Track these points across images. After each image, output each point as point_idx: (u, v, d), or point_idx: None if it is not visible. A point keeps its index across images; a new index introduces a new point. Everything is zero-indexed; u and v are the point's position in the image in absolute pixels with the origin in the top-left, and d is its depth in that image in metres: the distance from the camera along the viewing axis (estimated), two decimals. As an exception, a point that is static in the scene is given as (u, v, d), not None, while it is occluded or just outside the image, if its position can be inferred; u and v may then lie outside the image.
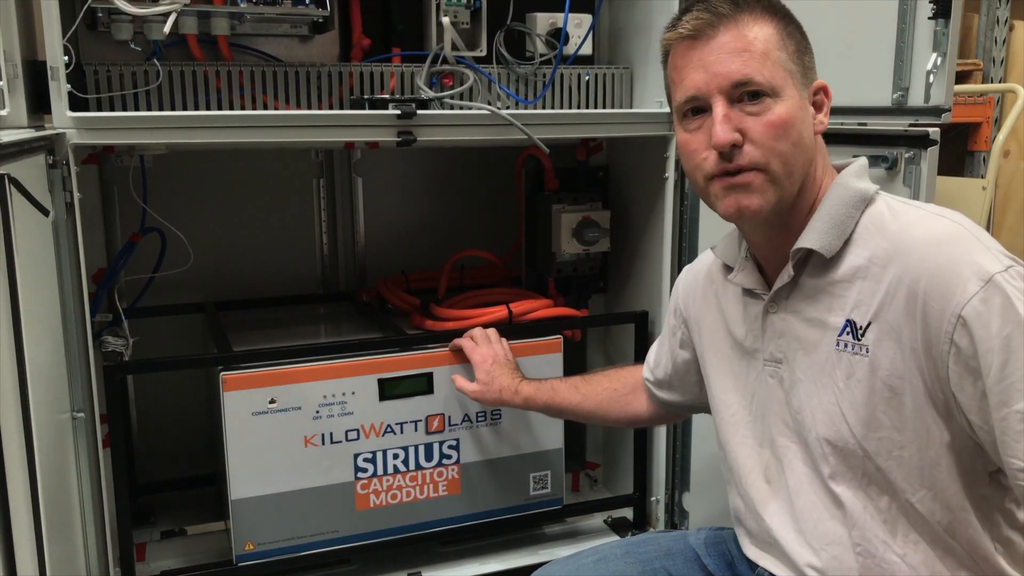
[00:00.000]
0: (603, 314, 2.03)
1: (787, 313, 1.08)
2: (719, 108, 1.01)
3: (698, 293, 1.26)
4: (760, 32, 1.01)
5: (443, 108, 1.63)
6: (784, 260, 1.07)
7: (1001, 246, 0.95)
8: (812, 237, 1.03)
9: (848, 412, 1.01)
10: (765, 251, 1.12)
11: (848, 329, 1.01)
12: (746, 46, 1.01)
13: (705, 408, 1.33)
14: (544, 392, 1.49)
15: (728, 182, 1.02)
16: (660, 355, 1.38)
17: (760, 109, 1.00)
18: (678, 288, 1.33)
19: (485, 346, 1.60)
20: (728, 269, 1.18)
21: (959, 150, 3.17)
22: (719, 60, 1.01)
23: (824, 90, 1.07)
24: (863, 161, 1.09)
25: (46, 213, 1.23)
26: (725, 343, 1.20)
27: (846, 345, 1.02)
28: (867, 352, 0.99)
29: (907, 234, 0.98)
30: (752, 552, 1.18)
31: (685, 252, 1.75)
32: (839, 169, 1.09)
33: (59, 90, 1.33)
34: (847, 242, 1.03)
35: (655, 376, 1.39)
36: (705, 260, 1.27)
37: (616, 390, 1.45)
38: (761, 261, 1.13)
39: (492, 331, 1.64)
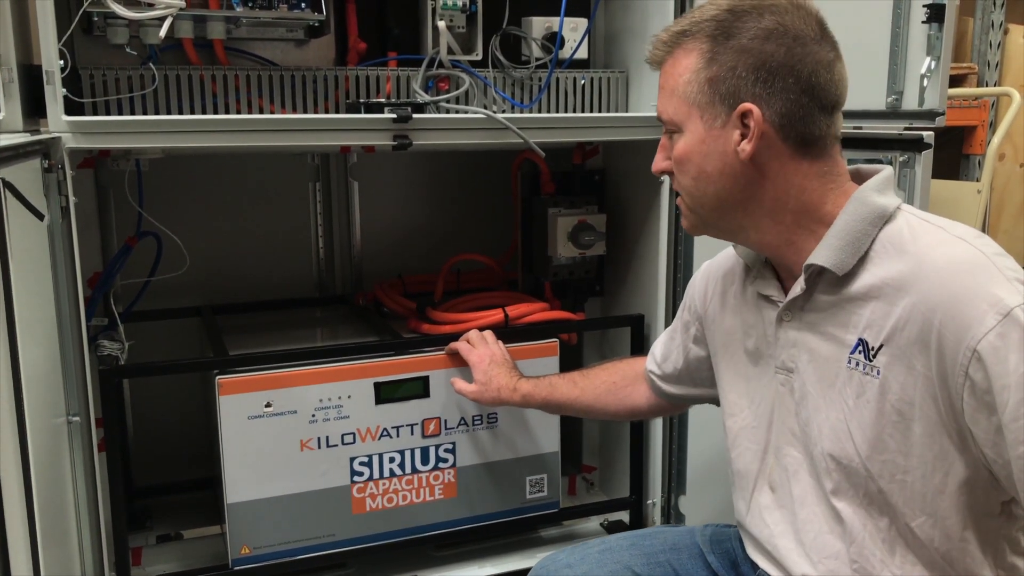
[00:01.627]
0: (599, 317, 2.03)
1: (801, 324, 1.07)
2: (662, 138, 1.10)
3: (716, 292, 1.25)
4: (680, 64, 1.04)
5: (439, 112, 1.63)
6: (797, 271, 1.05)
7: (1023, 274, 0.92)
8: (824, 254, 1.01)
9: (855, 431, 1.00)
10: (775, 260, 1.11)
11: (860, 348, 0.99)
12: (664, 83, 1.07)
13: (711, 400, 1.33)
14: (542, 388, 1.49)
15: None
16: (670, 349, 1.37)
17: (673, 143, 1.07)
18: (695, 284, 1.31)
19: (482, 347, 1.60)
20: (749, 270, 1.17)
21: (955, 154, 3.18)
22: (658, 94, 1.09)
23: (749, 113, 0.99)
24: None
25: (41, 217, 1.23)
26: (738, 346, 1.18)
27: (857, 364, 1.00)
28: (878, 374, 0.97)
29: (925, 258, 0.95)
30: (753, 555, 1.18)
31: (681, 256, 1.75)
32: (863, 175, 1.05)
33: (54, 94, 1.33)
34: (863, 259, 0.99)
35: (663, 370, 1.38)
36: (726, 258, 1.26)
37: (615, 383, 1.45)
38: (778, 268, 1.12)
39: (488, 333, 1.64)
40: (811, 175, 1.03)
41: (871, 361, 0.98)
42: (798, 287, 1.05)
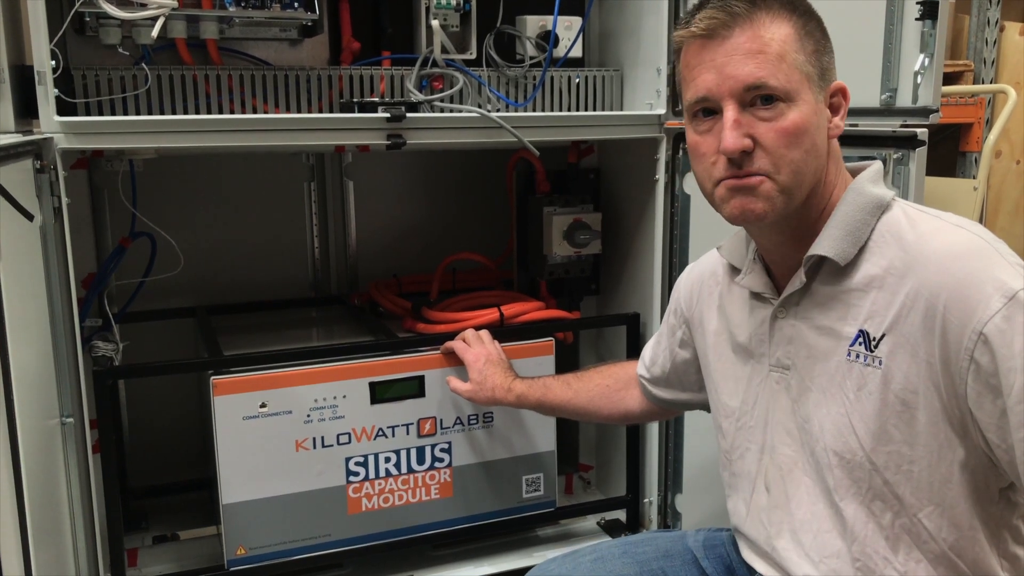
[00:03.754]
0: (595, 316, 2.03)
1: (797, 319, 1.06)
2: (729, 112, 0.97)
3: (703, 294, 1.24)
4: (777, 32, 0.97)
5: (433, 111, 1.63)
6: (794, 265, 1.04)
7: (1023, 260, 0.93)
8: (826, 244, 1.00)
9: (858, 424, 0.99)
10: (774, 255, 1.09)
11: (860, 339, 0.99)
12: (761, 47, 0.97)
13: (701, 406, 1.33)
14: (537, 389, 1.49)
15: (734, 183, 0.99)
16: (657, 353, 1.37)
17: (773, 115, 0.97)
18: (680, 287, 1.30)
19: (477, 346, 1.59)
20: (734, 270, 1.16)
21: (951, 151, 3.18)
22: (732, 62, 0.97)
23: (842, 92, 1.03)
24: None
25: (30, 218, 1.22)
26: (727, 346, 1.17)
27: (858, 356, 0.99)
28: (880, 364, 0.97)
29: (926, 245, 0.95)
30: (750, 558, 1.17)
31: (676, 254, 1.75)
32: (853, 172, 1.06)
33: (46, 94, 1.33)
34: (862, 250, 1.00)
35: (651, 373, 1.38)
36: (710, 259, 1.25)
37: (608, 386, 1.45)
38: (770, 264, 1.10)
39: (484, 332, 1.63)
40: (836, 158, 1.05)
41: (872, 352, 0.97)
42: (797, 281, 1.04)
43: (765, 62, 0.96)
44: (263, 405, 1.53)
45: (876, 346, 0.97)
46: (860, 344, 0.99)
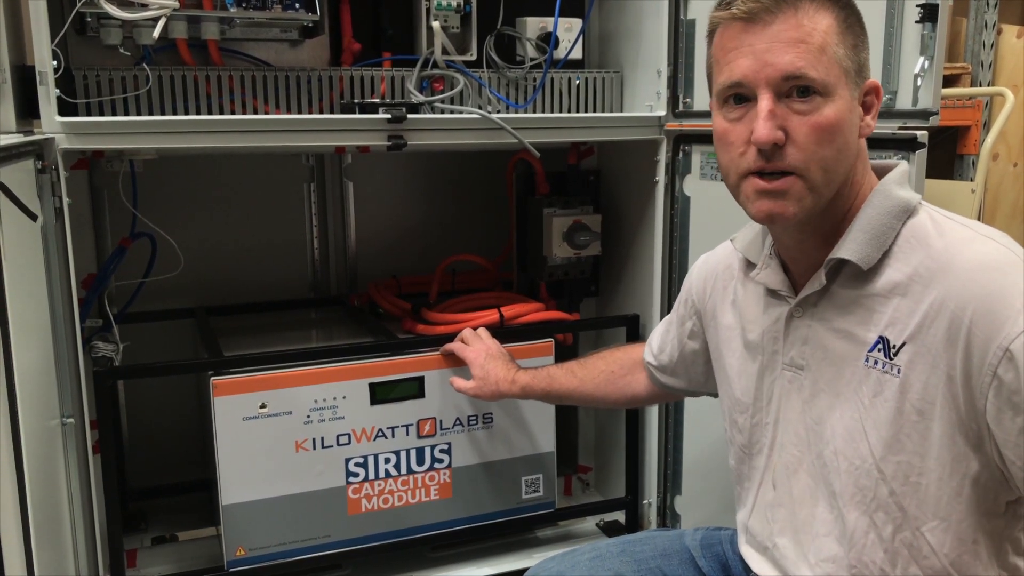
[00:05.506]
0: (594, 318, 2.03)
1: (813, 320, 1.04)
2: (764, 102, 0.94)
3: (716, 287, 1.22)
4: (820, 23, 0.94)
5: (433, 112, 1.63)
6: (814, 265, 1.03)
7: None
8: (850, 248, 0.98)
9: (871, 431, 0.98)
10: (794, 253, 1.07)
11: (880, 346, 0.97)
12: (803, 37, 0.93)
13: (707, 393, 1.33)
14: (541, 379, 1.49)
15: (763, 186, 0.96)
16: (665, 342, 1.36)
17: (809, 108, 0.94)
18: (692, 277, 1.29)
19: (476, 343, 1.60)
20: (749, 264, 1.14)
21: (948, 153, 3.19)
22: (772, 49, 0.94)
23: (875, 91, 1.00)
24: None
25: (34, 218, 1.22)
26: (740, 342, 1.16)
27: (876, 362, 0.97)
28: (898, 372, 0.95)
29: (955, 255, 0.92)
30: (748, 554, 1.17)
31: (676, 256, 1.75)
32: (878, 171, 1.03)
33: (48, 95, 1.33)
34: (885, 254, 0.97)
35: (659, 361, 1.37)
36: (724, 252, 1.23)
37: (613, 372, 1.45)
38: (788, 261, 1.08)
39: (482, 329, 1.64)
40: (863, 158, 1.03)
41: (891, 359, 0.96)
42: (816, 282, 1.02)
43: (806, 52, 0.93)
44: (263, 406, 1.53)
45: (895, 354, 0.95)
46: (879, 351, 0.97)
